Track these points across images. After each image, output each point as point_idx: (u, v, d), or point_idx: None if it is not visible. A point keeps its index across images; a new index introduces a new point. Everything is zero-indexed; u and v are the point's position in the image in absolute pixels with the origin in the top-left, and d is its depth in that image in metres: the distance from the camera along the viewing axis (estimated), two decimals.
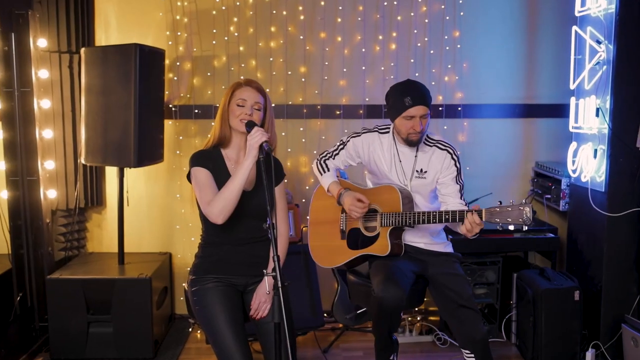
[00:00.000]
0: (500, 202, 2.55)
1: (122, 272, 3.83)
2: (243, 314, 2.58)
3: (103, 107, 3.67)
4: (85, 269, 3.86)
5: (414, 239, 3.00)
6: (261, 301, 2.53)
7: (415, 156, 2.93)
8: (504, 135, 4.37)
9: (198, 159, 2.54)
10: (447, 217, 2.67)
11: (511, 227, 2.50)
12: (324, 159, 3.17)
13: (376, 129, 3.06)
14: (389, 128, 3.02)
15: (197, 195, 2.50)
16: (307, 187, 4.34)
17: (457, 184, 2.89)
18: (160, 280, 4.05)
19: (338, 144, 3.15)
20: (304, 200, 4.32)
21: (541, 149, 4.39)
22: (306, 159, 4.32)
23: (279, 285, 2.11)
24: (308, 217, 3.29)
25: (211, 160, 2.55)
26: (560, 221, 4.29)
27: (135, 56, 3.58)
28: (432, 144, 2.94)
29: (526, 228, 2.45)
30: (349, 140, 3.10)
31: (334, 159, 3.15)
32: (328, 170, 3.15)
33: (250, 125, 2.45)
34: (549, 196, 4.16)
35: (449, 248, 3.04)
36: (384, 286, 2.69)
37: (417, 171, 2.93)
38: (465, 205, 2.86)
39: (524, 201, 2.49)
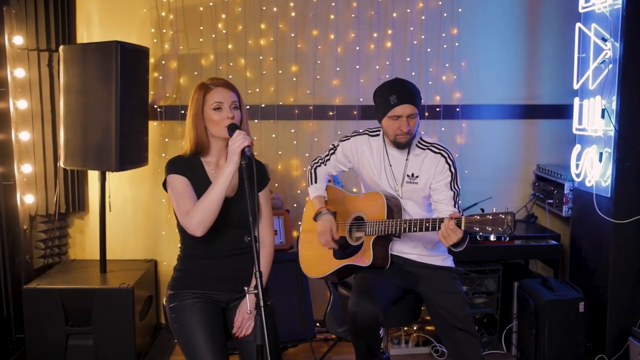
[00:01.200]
0: (482, 210, 2.37)
1: (104, 281, 3.66)
2: (225, 332, 2.39)
3: (82, 107, 3.51)
4: (65, 278, 3.69)
5: (405, 249, 2.81)
6: (244, 319, 2.35)
7: (406, 160, 2.75)
8: (504, 137, 4.25)
9: (174, 166, 2.36)
10: (427, 225, 2.49)
11: (492, 237, 2.31)
12: (315, 165, 3.02)
13: (366, 132, 2.88)
14: (379, 130, 2.84)
15: (174, 205, 2.31)
16: (298, 192, 4.18)
17: (451, 190, 2.70)
18: (145, 289, 3.88)
19: (329, 148, 2.98)
20: (295, 205, 4.16)
21: (543, 152, 4.27)
22: (297, 162, 4.17)
23: (261, 304, 1.93)
24: (300, 223, 3.12)
25: (189, 167, 2.38)
26: (562, 227, 4.14)
27: (116, 54, 3.42)
28: (425, 147, 2.76)
29: (507, 238, 2.25)
30: (339, 145, 2.94)
31: (325, 165, 2.98)
32: (316, 180, 2.99)
33: (232, 129, 2.27)
34: (551, 201, 4.02)
35: (448, 262, 2.84)
36: (357, 301, 2.53)
37: (408, 176, 2.75)
38: (460, 214, 2.66)
39: (506, 208, 2.30)
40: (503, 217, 2.24)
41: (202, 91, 2.37)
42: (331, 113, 4.11)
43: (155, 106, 4.06)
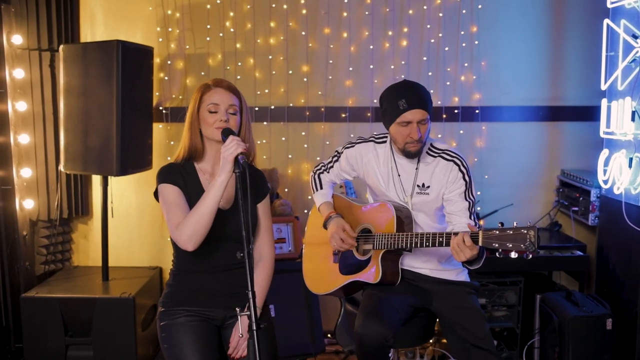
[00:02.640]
0: (502, 224, 2.15)
1: (105, 290, 3.54)
2: (220, 353, 2.22)
3: (83, 109, 3.39)
4: (65, 286, 3.57)
5: (416, 263, 2.60)
6: (240, 339, 2.17)
7: (416, 169, 2.55)
8: (526, 140, 4.05)
9: (165, 174, 2.20)
10: (440, 239, 2.28)
11: (513, 255, 2.08)
12: (318, 172, 2.83)
13: (372, 138, 2.69)
14: (386, 137, 2.64)
15: (165, 217, 2.15)
16: (309, 197, 4.02)
17: (466, 200, 2.48)
18: (148, 297, 3.74)
19: (333, 154, 2.79)
20: (305, 212, 4.00)
21: (567, 156, 4.07)
22: (308, 166, 4.01)
23: (254, 327, 1.75)
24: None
25: (182, 175, 2.22)
26: (588, 237, 3.92)
27: (117, 54, 3.29)
28: (436, 154, 2.55)
29: (529, 256, 2.04)
30: (342, 152, 2.74)
31: (328, 172, 2.80)
32: (321, 186, 2.80)
33: (226, 134, 2.10)
34: (576, 208, 3.80)
35: (462, 276, 2.63)
36: (365, 322, 2.34)
37: (418, 186, 2.54)
38: (476, 226, 2.45)
39: (528, 223, 2.09)
40: (525, 232, 2.03)
41: (200, 90, 2.23)
42: (344, 115, 3.96)
43: (161, 108, 3.94)
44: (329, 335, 3.87)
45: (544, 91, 4.01)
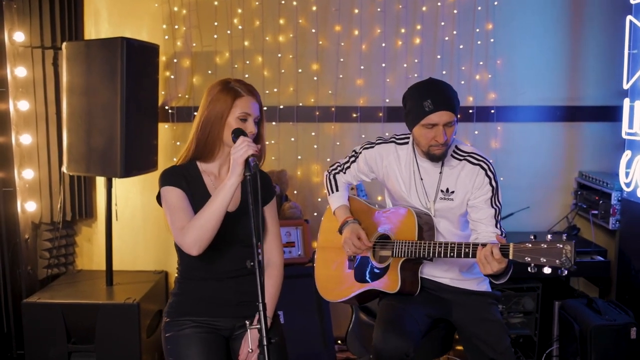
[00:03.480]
0: (535, 237, 2.02)
1: (109, 295, 3.45)
2: None
3: (86, 109, 3.30)
4: (68, 292, 3.47)
5: (437, 272, 2.48)
6: (250, 353, 2.06)
7: (440, 172, 2.42)
8: (543, 141, 3.94)
9: (168, 177, 2.09)
10: (466, 250, 2.16)
11: (547, 270, 1.96)
12: (334, 172, 2.70)
13: (393, 139, 2.56)
14: (408, 138, 2.51)
15: (169, 221, 2.04)
16: (319, 199, 3.92)
17: (492, 207, 2.36)
18: (154, 303, 3.64)
19: (350, 154, 2.67)
20: (315, 214, 3.90)
21: (585, 158, 3.96)
22: (318, 168, 3.91)
23: (265, 342, 1.64)
24: (317, 240, 2.84)
25: (185, 178, 2.11)
26: (608, 241, 3.80)
27: (121, 52, 3.19)
28: (461, 157, 2.42)
29: (565, 272, 1.92)
30: (361, 152, 2.61)
31: (344, 172, 2.67)
32: (337, 188, 2.67)
33: (237, 134, 1.99)
34: (595, 212, 3.68)
35: (484, 285, 2.50)
36: (384, 336, 2.22)
37: (442, 191, 2.41)
38: (502, 234, 2.33)
39: (564, 237, 1.96)
40: (561, 246, 1.91)
41: (231, 94, 2.09)
42: (355, 115, 3.86)
43: (167, 107, 3.85)
44: (339, 342, 3.76)
45: (562, 90, 3.90)
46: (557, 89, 3.89)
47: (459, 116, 2.35)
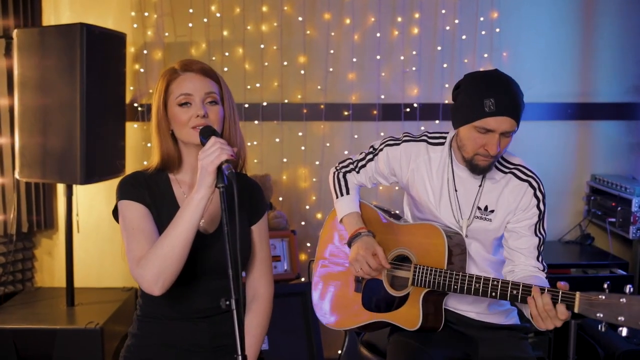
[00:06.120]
0: (609, 287, 1.64)
1: (69, 318, 3.12)
2: None
3: (41, 106, 2.99)
4: (22, 314, 3.13)
5: (462, 305, 2.09)
6: None
7: (480, 186, 2.02)
8: (552, 141, 3.73)
9: (127, 188, 1.71)
10: (514, 293, 1.77)
11: (624, 332, 1.60)
12: (344, 170, 2.28)
13: (424, 137, 2.14)
14: (444, 138, 2.11)
15: (125, 246, 1.65)
16: (307, 207, 3.62)
17: (536, 235, 1.97)
18: (122, 324, 3.31)
19: (367, 151, 2.24)
20: (303, 224, 3.60)
21: (599, 160, 3.75)
22: (306, 172, 3.62)
23: None
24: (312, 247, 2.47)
25: (149, 189, 1.72)
26: (625, 251, 3.55)
27: (81, 40, 2.88)
28: (507, 170, 2.02)
29: None
30: (382, 149, 2.18)
31: (357, 172, 2.25)
32: (348, 191, 2.25)
33: (206, 135, 1.60)
34: (612, 219, 3.39)
35: (512, 317, 2.13)
36: None
37: (479, 208, 2.02)
38: (543, 270, 1.96)
39: None
40: None
41: (165, 77, 1.71)
42: (346, 113, 3.61)
43: (136, 104, 3.54)
44: None
45: (573, 86, 3.70)
46: (568, 84, 3.69)
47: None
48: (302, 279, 3.32)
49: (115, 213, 1.75)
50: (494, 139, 1.86)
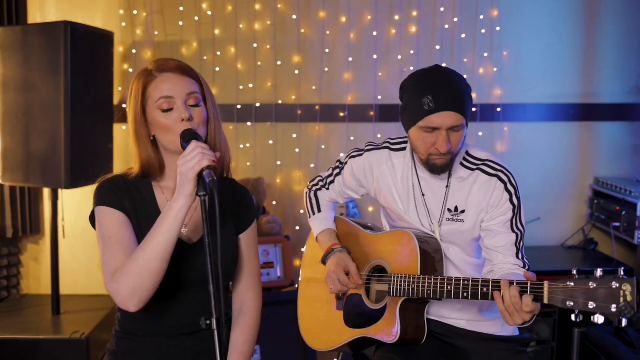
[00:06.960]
0: (579, 271, 1.53)
1: (55, 328, 3.05)
2: None
3: (24, 107, 2.96)
4: (5, 324, 3.07)
5: (448, 313, 2.00)
6: None
7: (447, 186, 1.94)
8: (554, 143, 3.70)
9: (105, 193, 1.61)
10: (485, 290, 1.70)
11: (598, 320, 1.49)
12: (314, 188, 2.23)
13: (387, 144, 2.08)
14: (406, 143, 2.05)
15: (101, 256, 1.55)
16: (301, 211, 3.58)
17: (513, 232, 1.89)
18: (109, 333, 3.12)
19: (334, 166, 2.20)
20: (297, 229, 3.56)
21: (602, 162, 3.73)
22: (301, 175, 3.58)
23: None
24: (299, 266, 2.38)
25: (129, 194, 1.62)
26: (630, 257, 3.48)
27: (65, 39, 2.84)
28: (474, 167, 1.94)
29: (623, 322, 1.46)
30: (347, 162, 2.14)
31: (327, 189, 2.20)
32: (320, 209, 2.20)
33: (186, 139, 1.49)
34: (617, 224, 3.33)
35: (510, 328, 2.03)
36: None
37: (449, 210, 1.94)
38: (524, 267, 1.86)
39: (621, 274, 1.49)
40: (617, 286, 1.43)
41: (141, 80, 1.59)
42: (342, 114, 3.58)
43: (124, 105, 3.42)
44: None
45: (576, 86, 3.67)
46: (570, 84, 3.67)
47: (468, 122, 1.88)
48: (296, 286, 3.23)
49: (93, 219, 1.65)
50: (442, 136, 1.80)
